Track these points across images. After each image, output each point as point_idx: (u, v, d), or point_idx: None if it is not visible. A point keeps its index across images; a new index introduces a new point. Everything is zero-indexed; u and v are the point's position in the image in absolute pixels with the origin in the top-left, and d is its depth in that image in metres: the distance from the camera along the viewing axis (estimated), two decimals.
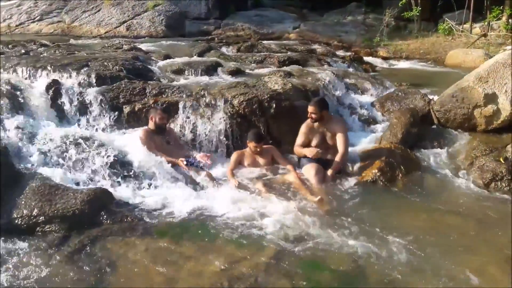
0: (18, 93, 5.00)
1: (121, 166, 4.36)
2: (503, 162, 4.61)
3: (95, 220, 3.56)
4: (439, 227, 3.70)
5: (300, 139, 4.78)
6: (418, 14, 14.24)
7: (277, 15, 17.01)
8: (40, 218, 3.48)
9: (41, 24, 12.27)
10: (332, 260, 3.13)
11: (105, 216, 3.61)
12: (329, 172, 4.51)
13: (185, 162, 4.51)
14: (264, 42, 10.89)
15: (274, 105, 5.22)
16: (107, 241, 3.33)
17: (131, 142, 4.71)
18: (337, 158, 4.60)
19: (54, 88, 5.18)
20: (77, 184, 4.10)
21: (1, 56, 6.47)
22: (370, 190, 4.35)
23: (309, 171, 4.52)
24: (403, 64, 11.79)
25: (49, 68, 5.61)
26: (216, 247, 3.26)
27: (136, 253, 3.19)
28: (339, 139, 4.65)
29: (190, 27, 13.87)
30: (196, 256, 3.16)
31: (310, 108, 4.64)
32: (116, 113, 5.12)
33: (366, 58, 11.29)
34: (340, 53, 11.11)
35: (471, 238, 3.50)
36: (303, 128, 4.78)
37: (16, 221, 3.47)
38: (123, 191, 4.08)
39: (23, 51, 6.90)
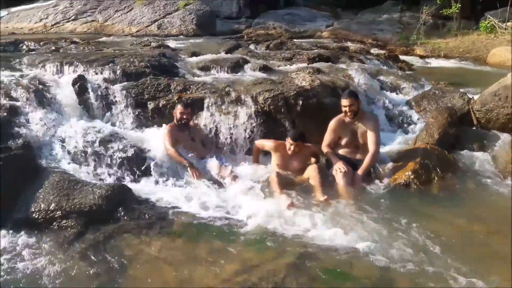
0: (44, 88, 5.01)
1: (142, 162, 4.27)
2: None
3: (112, 216, 3.47)
4: (479, 236, 3.38)
5: (329, 136, 4.54)
6: (457, 11, 13.61)
7: (309, 13, 16.72)
8: (57, 213, 3.42)
9: (76, 23, 12.52)
10: (358, 269, 2.89)
11: (122, 213, 3.50)
12: (359, 173, 4.24)
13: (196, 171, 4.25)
14: (295, 40, 10.66)
15: (300, 102, 5.01)
16: (122, 239, 3.22)
17: (154, 138, 4.63)
18: (367, 158, 4.32)
19: (80, 84, 5.15)
20: (97, 179, 4.03)
21: (33, 52, 6.56)
22: (403, 193, 4.05)
23: (337, 171, 4.27)
24: (441, 63, 11.29)
25: (76, 63, 5.61)
26: (234, 251, 3.08)
27: (151, 253, 3.07)
28: (371, 137, 4.37)
29: (221, 26, 13.81)
30: (213, 259, 2.99)
31: (346, 101, 4.33)
32: (140, 109, 5.05)
33: (402, 57, 10.86)
34: (375, 51, 10.74)
35: None
36: (332, 125, 4.53)
37: (34, 215, 3.43)
38: (143, 187, 3.98)
39: (53, 48, 6.98)
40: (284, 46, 8.73)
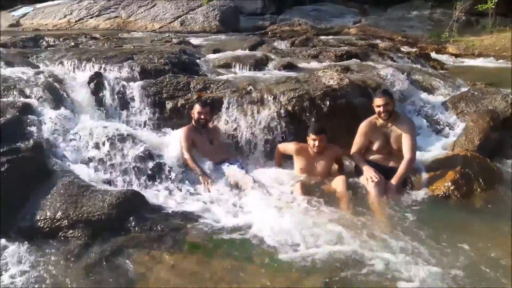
0: (59, 85, 4.81)
1: (157, 167, 4.00)
2: None
3: (122, 227, 3.20)
4: None
5: (359, 141, 4.17)
6: (493, 7, 12.89)
7: (336, 9, 16.28)
8: (64, 222, 3.17)
9: (99, 19, 12.47)
10: None
11: (133, 223, 3.23)
12: (392, 182, 3.86)
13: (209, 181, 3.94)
14: (321, 37, 10.25)
15: (328, 103, 4.65)
16: (131, 253, 2.94)
17: (172, 141, 4.36)
18: (402, 165, 3.93)
19: (96, 81, 4.94)
20: (110, 183, 3.79)
21: (52, 48, 6.41)
22: (442, 206, 3.65)
23: (367, 180, 3.90)
24: (476, 62, 10.69)
25: (93, 60, 5.42)
26: (253, 270, 2.77)
27: (162, 270, 2.78)
28: (406, 142, 3.97)
29: (245, 23, 13.53)
30: (229, 278, 2.69)
31: (380, 100, 3.96)
32: (158, 108, 4.79)
33: (434, 55, 10.37)
34: (405, 48, 10.25)
35: None
36: (362, 128, 4.16)
37: (39, 224, 3.19)
38: (157, 194, 3.71)
39: (72, 43, 6.82)
40: (310, 43, 8.36)
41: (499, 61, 10.74)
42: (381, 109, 3.97)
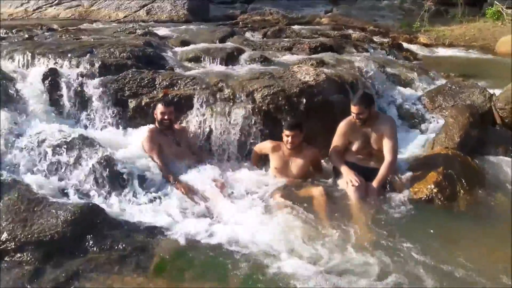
0: (9, 84, 4.36)
1: (119, 174, 3.63)
2: None
3: (79, 247, 2.84)
4: None
5: (337, 141, 3.93)
6: None
7: None
8: (10, 245, 2.78)
9: (59, 8, 11.70)
10: None
11: (91, 242, 2.88)
12: (373, 185, 3.65)
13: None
14: (294, 27, 9.94)
15: (304, 100, 4.37)
16: (90, 278, 2.61)
17: (135, 144, 4.00)
18: (383, 167, 3.72)
19: (51, 78, 4.51)
20: (67, 195, 3.41)
21: (2, 41, 5.85)
22: (425, 211, 3.47)
23: (347, 184, 3.67)
24: (447, 52, 10.67)
25: (48, 55, 4.93)
26: None
27: None
28: (387, 143, 3.76)
29: (214, 12, 13.04)
30: None
31: (355, 108, 3.73)
32: (120, 108, 4.41)
33: (406, 45, 10.24)
34: (377, 38, 10.08)
35: None
36: (341, 128, 3.92)
37: None
38: (119, 206, 3.36)
39: (26, 36, 6.26)
40: (283, 34, 8.04)
41: (468, 51, 10.79)
42: (356, 116, 3.76)
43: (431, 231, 3.22)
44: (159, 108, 3.99)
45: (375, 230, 3.20)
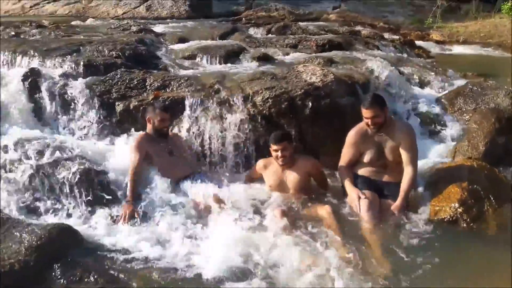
0: None
1: (102, 190, 3.21)
2: None
3: (43, 280, 2.42)
4: None
5: (347, 153, 3.45)
6: None
7: None
8: None
9: (57, 4, 11.35)
10: None
11: (58, 273, 2.45)
12: (394, 208, 3.17)
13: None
14: (300, 23, 9.48)
15: (310, 104, 3.93)
16: None
17: (121, 154, 3.57)
18: (405, 182, 3.24)
19: (31, 80, 4.10)
20: (38, 215, 3.00)
21: None
22: (449, 234, 3.00)
23: (358, 201, 3.20)
24: (461, 49, 10.19)
25: (31, 53, 4.55)
26: None
27: None
28: (406, 153, 3.28)
29: (218, 8, 12.59)
30: None
31: (368, 112, 3.25)
32: (106, 112, 3.99)
33: (418, 42, 9.76)
34: (388, 36, 9.60)
35: None
36: (351, 137, 3.44)
37: None
38: (96, 227, 2.94)
39: (12, 33, 5.86)
40: (288, 30, 7.57)
41: (484, 48, 10.27)
42: (369, 121, 3.28)
43: (457, 259, 2.76)
44: (159, 114, 3.54)
45: (392, 258, 2.74)
